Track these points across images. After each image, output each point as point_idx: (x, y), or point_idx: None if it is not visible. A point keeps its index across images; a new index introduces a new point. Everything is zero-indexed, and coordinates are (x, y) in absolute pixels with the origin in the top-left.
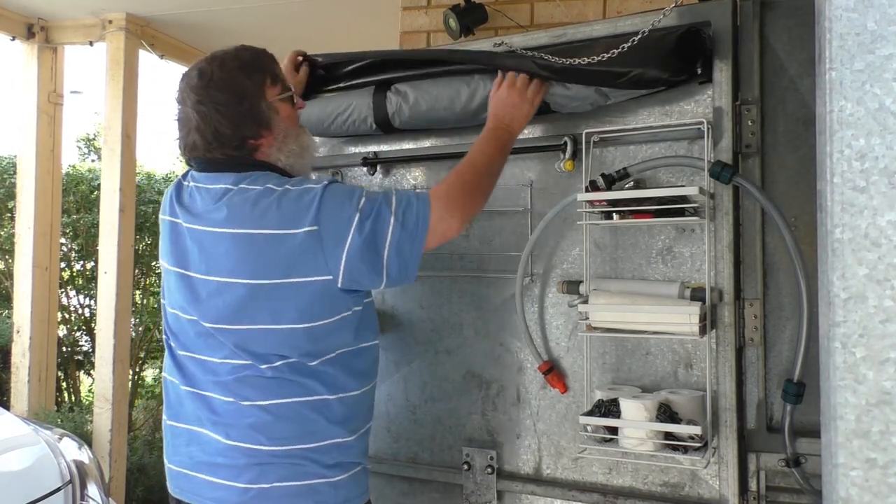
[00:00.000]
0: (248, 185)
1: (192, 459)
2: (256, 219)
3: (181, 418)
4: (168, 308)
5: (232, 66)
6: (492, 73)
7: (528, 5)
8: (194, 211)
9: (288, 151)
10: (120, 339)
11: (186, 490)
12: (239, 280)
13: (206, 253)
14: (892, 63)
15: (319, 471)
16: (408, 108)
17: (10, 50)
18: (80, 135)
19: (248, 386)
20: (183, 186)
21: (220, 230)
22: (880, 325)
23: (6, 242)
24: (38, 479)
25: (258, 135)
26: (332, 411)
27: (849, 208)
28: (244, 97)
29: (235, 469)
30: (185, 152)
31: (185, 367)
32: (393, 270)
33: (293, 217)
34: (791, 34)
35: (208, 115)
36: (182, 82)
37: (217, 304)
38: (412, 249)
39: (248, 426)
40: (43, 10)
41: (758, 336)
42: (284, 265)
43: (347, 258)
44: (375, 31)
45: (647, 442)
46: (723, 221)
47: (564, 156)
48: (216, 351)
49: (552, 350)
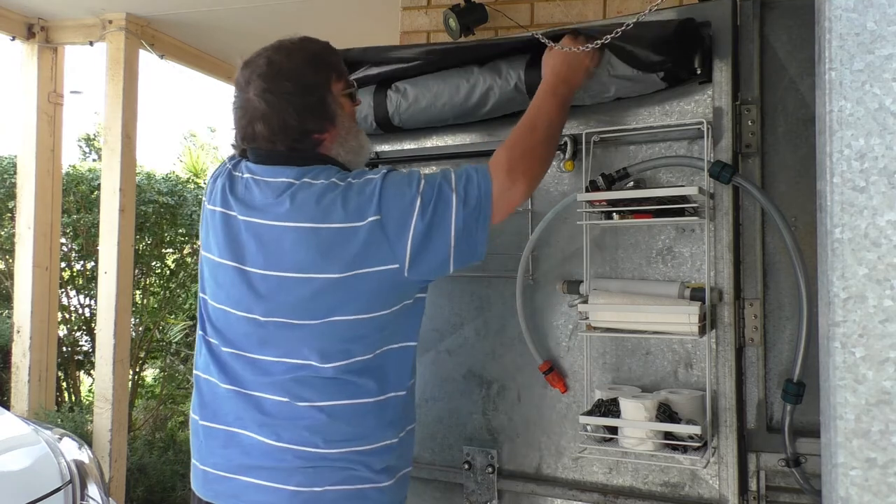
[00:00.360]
0: (311, 179)
1: (231, 462)
2: (322, 213)
3: (218, 419)
4: (211, 303)
5: (301, 58)
6: (492, 67)
7: (528, 5)
8: (252, 204)
9: (349, 148)
10: (120, 339)
11: (223, 493)
12: (306, 275)
13: (267, 247)
14: (891, 63)
15: (369, 475)
16: (407, 105)
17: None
18: (81, 134)
19: (306, 386)
20: (236, 177)
21: (284, 224)
22: (880, 324)
23: (6, 242)
24: (38, 479)
25: (323, 129)
26: (383, 412)
27: (849, 208)
28: (313, 90)
29: (285, 472)
30: (243, 141)
31: (228, 366)
32: (461, 251)
33: (357, 210)
34: (791, 34)
35: (276, 105)
36: (247, 69)
37: (281, 300)
38: (478, 226)
39: (303, 427)
40: (43, 10)
41: (758, 336)
42: (351, 258)
43: (413, 244)
44: (375, 31)
45: (646, 442)
46: (723, 221)
47: (564, 156)
48: (272, 349)
49: (552, 350)
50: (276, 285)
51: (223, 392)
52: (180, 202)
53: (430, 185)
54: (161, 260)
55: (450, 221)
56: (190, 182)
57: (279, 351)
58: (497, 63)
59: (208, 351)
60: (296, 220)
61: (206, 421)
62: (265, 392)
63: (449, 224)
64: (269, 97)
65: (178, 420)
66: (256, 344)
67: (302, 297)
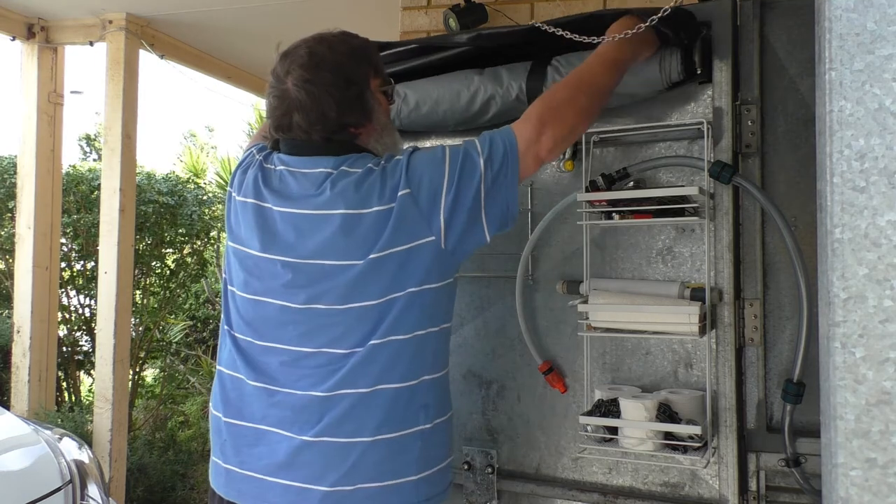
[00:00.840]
0: (348, 167)
1: (260, 461)
2: (363, 199)
3: (244, 416)
4: (241, 294)
5: (342, 51)
6: (492, 76)
7: (528, 5)
8: (289, 195)
9: (384, 144)
10: (120, 338)
11: (248, 493)
12: (351, 262)
13: (306, 236)
14: (891, 63)
15: (401, 468)
16: (409, 111)
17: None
18: (81, 134)
19: (340, 375)
20: (268, 170)
21: (324, 212)
22: (880, 325)
23: (6, 242)
24: (38, 479)
25: (360, 123)
26: (416, 397)
27: (849, 208)
28: (353, 83)
29: (318, 469)
30: (276, 131)
31: (258, 361)
32: (493, 214)
33: (391, 191)
34: (791, 34)
35: (316, 96)
36: (286, 59)
37: (324, 287)
38: (507, 184)
39: (334, 418)
40: (43, 10)
41: (758, 336)
42: (390, 236)
43: (445, 213)
44: (375, 31)
45: (646, 442)
46: (723, 221)
47: (564, 156)
48: (311, 339)
49: (552, 350)
50: (319, 273)
51: (251, 389)
52: (180, 202)
53: (455, 152)
54: (161, 260)
55: (479, 183)
56: (190, 182)
57: (318, 341)
58: (498, 71)
59: (234, 346)
60: (337, 208)
61: (230, 418)
62: (298, 387)
63: (479, 186)
64: (310, 87)
65: (178, 420)
66: (294, 335)
67: (348, 281)
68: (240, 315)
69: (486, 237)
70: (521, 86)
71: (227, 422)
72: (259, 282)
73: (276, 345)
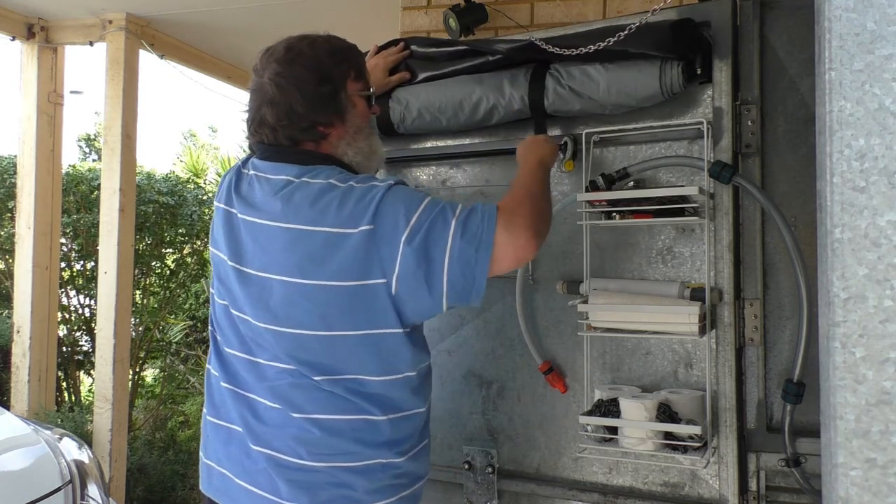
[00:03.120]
0: (310, 178)
1: (230, 460)
2: (316, 216)
3: (221, 415)
4: (217, 299)
5: (322, 49)
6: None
7: (528, 5)
8: (252, 202)
9: (357, 148)
10: (120, 338)
11: (223, 492)
12: (292, 279)
13: (261, 247)
14: (891, 63)
15: (358, 495)
16: (412, 119)
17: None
18: (81, 134)
19: (299, 394)
20: (243, 174)
21: (277, 224)
22: (880, 325)
23: (6, 242)
24: (38, 479)
25: (330, 122)
26: (381, 432)
27: (849, 208)
28: (327, 81)
29: (273, 482)
30: (251, 129)
31: (228, 364)
32: (455, 284)
33: (352, 216)
34: (791, 34)
35: (286, 90)
36: (265, 54)
37: (269, 304)
38: (477, 261)
39: (290, 437)
40: (43, 10)
41: (758, 336)
42: (340, 266)
43: (403, 258)
44: (375, 30)
45: (646, 442)
46: (723, 221)
47: (564, 156)
48: (267, 354)
49: (552, 350)
50: (267, 287)
51: (224, 390)
52: (180, 202)
53: (433, 204)
54: (161, 260)
55: (445, 245)
56: (190, 182)
57: (269, 355)
58: (499, 81)
59: (214, 346)
60: (289, 222)
61: (211, 416)
62: (259, 395)
63: (444, 248)
64: (281, 81)
65: (178, 420)
66: (254, 346)
67: (288, 300)
68: (216, 317)
69: (443, 304)
70: (522, 97)
71: (209, 419)
72: (225, 289)
73: (238, 353)
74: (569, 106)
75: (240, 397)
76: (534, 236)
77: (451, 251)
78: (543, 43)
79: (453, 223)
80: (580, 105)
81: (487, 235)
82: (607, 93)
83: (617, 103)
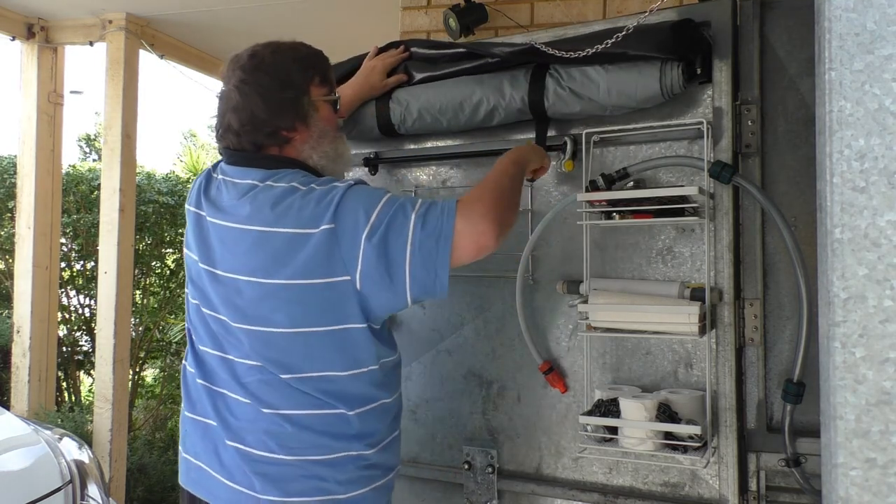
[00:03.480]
0: (273, 182)
1: (208, 454)
2: (277, 217)
3: (198, 411)
4: (190, 299)
5: (286, 55)
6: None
7: (528, 5)
8: (220, 205)
9: (321, 152)
10: (120, 338)
11: (199, 484)
12: (259, 279)
13: (229, 249)
14: (891, 63)
15: (330, 486)
16: (413, 121)
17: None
18: (81, 134)
19: (270, 391)
20: (212, 178)
21: (242, 227)
22: (880, 325)
23: (6, 242)
24: (38, 479)
25: (293, 127)
26: (350, 426)
27: (849, 208)
28: (288, 86)
29: (247, 476)
30: (219, 135)
31: (202, 360)
32: (418, 277)
33: (312, 217)
34: (791, 34)
35: (249, 96)
36: (231, 62)
37: (238, 303)
38: (438, 254)
39: (262, 431)
40: (43, 10)
41: (758, 336)
42: (303, 265)
43: (365, 255)
44: (375, 30)
45: (646, 442)
46: (723, 221)
47: (564, 156)
48: (237, 351)
49: (552, 350)
50: (234, 288)
51: (200, 386)
52: (180, 202)
53: (392, 200)
54: (161, 260)
55: (405, 240)
56: (190, 182)
57: (240, 353)
58: (499, 82)
59: (189, 344)
60: (252, 224)
61: (189, 412)
62: (231, 391)
63: (405, 242)
64: (244, 88)
65: (178, 420)
66: (224, 343)
67: (254, 300)
68: (190, 316)
69: (406, 297)
70: (523, 98)
71: (185, 414)
72: (197, 289)
73: (210, 349)
74: (569, 108)
75: (214, 393)
76: (493, 224)
77: (411, 245)
78: (543, 46)
79: (413, 217)
80: (580, 106)
81: (447, 226)
82: (607, 94)
83: (617, 105)
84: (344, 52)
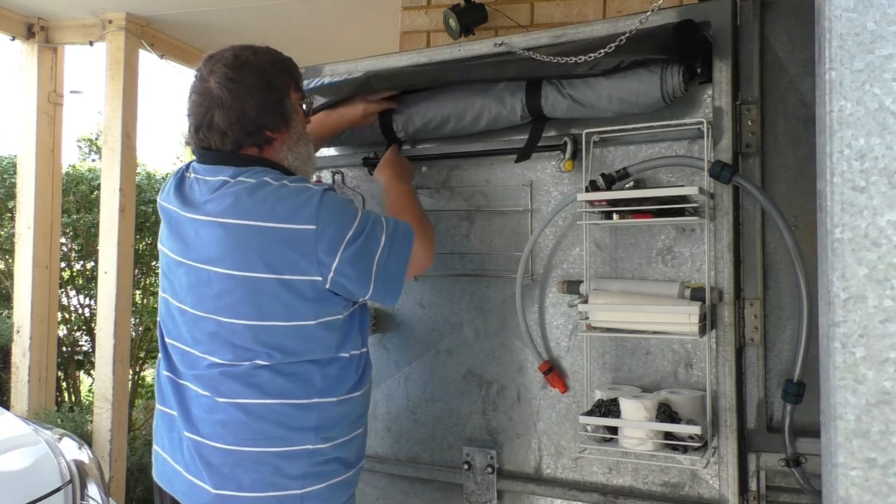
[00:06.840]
0: (245, 178)
1: (172, 446)
2: (250, 210)
3: (166, 403)
4: (160, 293)
5: (266, 59)
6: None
7: (528, 5)
8: (192, 201)
9: (297, 154)
10: (120, 338)
11: (164, 477)
12: (228, 270)
13: (201, 242)
14: (891, 63)
15: (284, 481)
16: (415, 130)
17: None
18: (82, 134)
19: (227, 381)
20: (185, 177)
21: (214, 220)
22: (880, 325)
23: (6, 242)
24: (38, 479)
25: (277, 128)
26: (307, 418)
27: (849, 208)
28: (274, 88)
29: (201, 469)
30: (200, 133)
31: (170, 355)
32: (380, 285)
33: (289, 212)
34: (791, 34)
35: (238, 94)
36: (210, 60)
37: (205, 293)
38: (399, 266)
39: (217, 422)
40: (43, 10)
41: (758, 336)
42: (274, 260)
43: (340, 261)
44: (375, 30)
45: (646, 442)
46: (723, 221)
47: (564, 156)
48: (199, 343)
49: (552, 350)
50: (205, 279)
51: (166, 378)
52: None
53: (367, 215)
54: None
55: (377, 250)
56: None
57: (206, 346)
58: (500, 92)
59: (160, 337)
60: (225, 216)
61: (159, 405)
62: (192, 384)
63: (375, 252)
64: (232, 85)
65: None
66: (188, 337)
67: (222, 291)
68: (160, 310)
69: (367, 295)
70: (523, 106)
71: (158, 408)
72: (168, 282)
73: (176, 343)
74: (570, 114)
75: (177, 385)
76: (432, 246)
77: (378, 263)
78: (545, 56)
79: (383, 238)
80: (580, 113)
81: (408, 250)
82: (608, 101)
83: (618, 111)
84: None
